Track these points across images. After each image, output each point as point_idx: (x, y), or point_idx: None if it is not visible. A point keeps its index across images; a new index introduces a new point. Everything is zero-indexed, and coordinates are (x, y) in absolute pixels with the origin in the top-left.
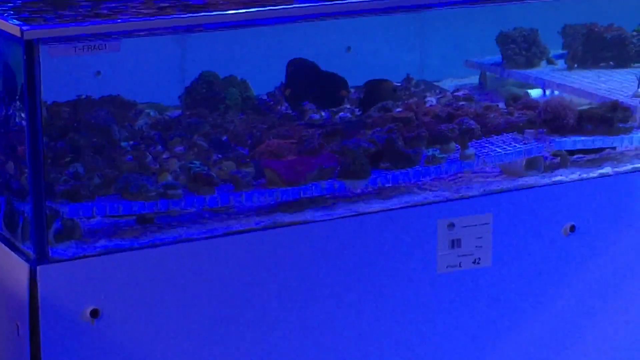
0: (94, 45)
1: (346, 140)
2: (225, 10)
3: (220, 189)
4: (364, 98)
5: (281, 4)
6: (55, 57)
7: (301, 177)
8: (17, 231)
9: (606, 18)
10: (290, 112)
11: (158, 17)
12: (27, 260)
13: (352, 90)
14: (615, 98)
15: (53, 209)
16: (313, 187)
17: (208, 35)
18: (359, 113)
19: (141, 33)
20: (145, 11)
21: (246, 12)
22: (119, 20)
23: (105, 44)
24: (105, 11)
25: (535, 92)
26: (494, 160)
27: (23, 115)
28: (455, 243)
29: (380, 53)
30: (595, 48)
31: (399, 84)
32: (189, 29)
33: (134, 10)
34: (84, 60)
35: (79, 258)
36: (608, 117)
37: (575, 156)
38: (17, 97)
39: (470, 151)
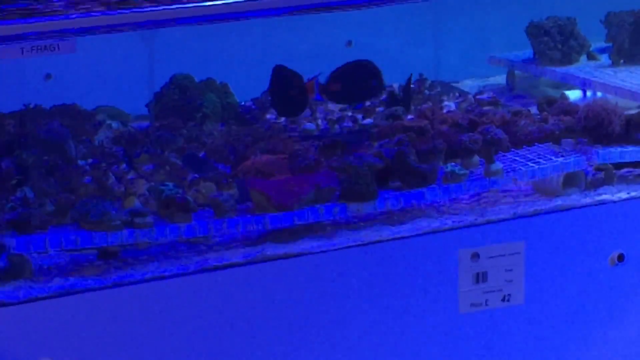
0: (45, 46)
1: (348, 155)
2: (202, 1)
3: (197, 216)
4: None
5: None
6: None
7: (294, 199)
8: None
9: None
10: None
11: (120, 11)
12: None
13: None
14: None
15: None
16: (309, 212)
17: (181, 31)
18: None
19: (101, 30)
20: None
21: (227, 3)
22: (74, 16)
23: (58, 44)
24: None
25: (573, 94)
26: (525, 177)
27: None
28: (480, 277)
29: (386, 48)
30: None
31: (413, 86)
32: (158, 24)
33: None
34: (32, 62)
35: (30, 301)
36: None
37: (622, 170)
38: None
39: (497, 166)
